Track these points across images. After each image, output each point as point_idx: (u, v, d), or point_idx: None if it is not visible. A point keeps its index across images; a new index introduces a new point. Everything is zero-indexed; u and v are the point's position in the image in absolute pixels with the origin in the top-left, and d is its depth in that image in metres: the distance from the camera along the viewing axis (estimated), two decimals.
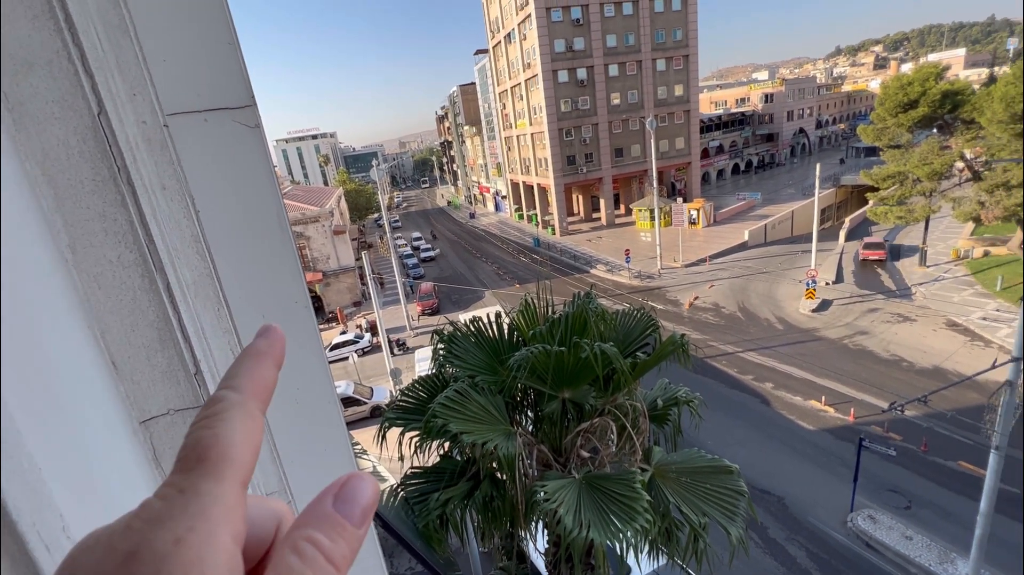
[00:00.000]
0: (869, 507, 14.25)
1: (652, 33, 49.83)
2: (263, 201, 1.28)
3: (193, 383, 0.79)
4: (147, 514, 0.27)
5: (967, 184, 30.89)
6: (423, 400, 5.24)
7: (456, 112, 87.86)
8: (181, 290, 0.83)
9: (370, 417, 22.67)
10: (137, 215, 0.77)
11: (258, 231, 1.27)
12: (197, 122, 1.17)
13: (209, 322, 1.02)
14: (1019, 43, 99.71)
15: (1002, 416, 11.08)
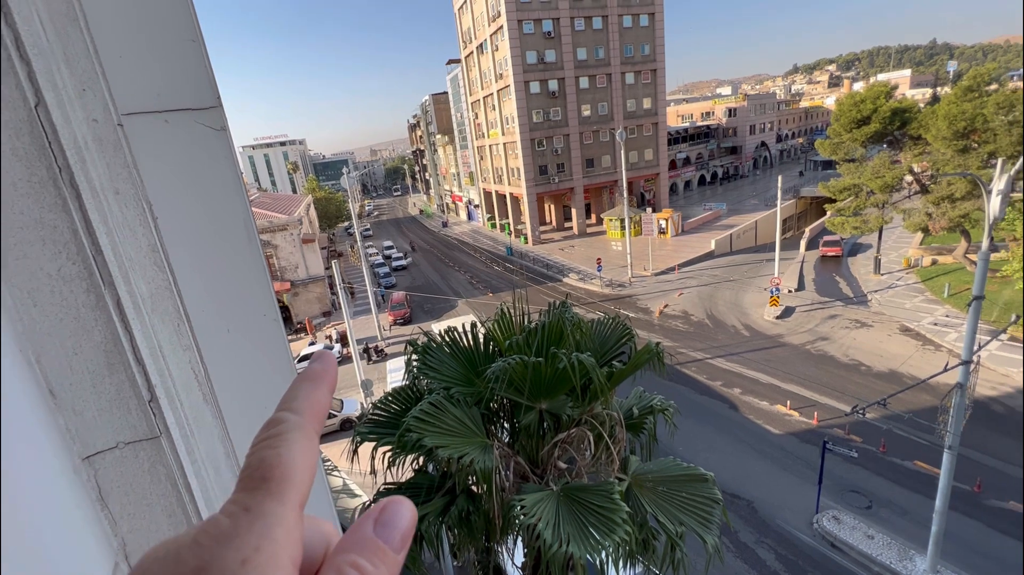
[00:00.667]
0: (833, 508, 14.69)
1: (621, 47, 51.06)
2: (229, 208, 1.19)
3: (147, 412, 0.70)
4: (215, 530, 0.27)
5: (916, 196, 32.68)
6: (397, 413, 5.11)
7: (428, 121, 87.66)
8: (135, 305, 0.74)
9: (339, 430, 22.06)
10: (83, 222, 0.68)
11: (223, 240, 1.18)
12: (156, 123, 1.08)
13: (167, 339, 0.93)
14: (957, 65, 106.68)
15: (953, 417, 11.63)
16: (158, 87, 0.97)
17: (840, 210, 33.67)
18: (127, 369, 0.68)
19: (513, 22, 46.62)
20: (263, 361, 1.30)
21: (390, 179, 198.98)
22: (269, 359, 1.31)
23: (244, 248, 1.23)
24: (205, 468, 0.89)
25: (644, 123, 54.56)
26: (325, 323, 37.41)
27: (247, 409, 1.22)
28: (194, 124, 1.03)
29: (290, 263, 36.97)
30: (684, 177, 73.00)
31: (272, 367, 1.32)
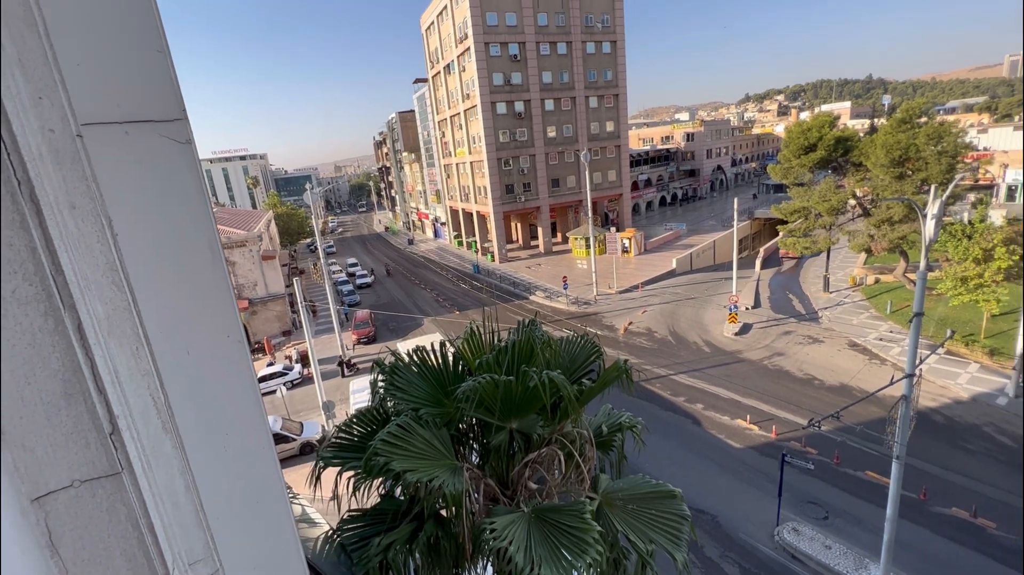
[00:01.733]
0: (793, 520, 15.09)
1: (585, 72, 52.73)
2: (193, 224, 1.13)
3: (108, 445, 0.63)
4: None
5: (859, 219, 34.78)
6: (362, 436, 4.94)
7: (395, 138, 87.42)
8: (94, 329, 0.68)
9: (299, 455, 21.15)
10: (42, 239, 0.62)
11: (187, 258, 1.12)
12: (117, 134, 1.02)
13: (125, 365, 0.86)
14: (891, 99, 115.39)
15: (900, 428, 12.23)
16: (119, 97, 0.92)
17: (791, 231, 35.43)
18: (87, 399, 0.62)
19: (480, 44, 47.47)
20: (226, 385, 1.22)
21: (355, 196, 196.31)
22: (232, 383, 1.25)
23: (208, 266, 1.17)
24: (164, 504, 0.82)
25: (607, 145, 56.20)
26: (285, 343, 36.11)
27: (208, 437, 1.15)
28: (157, 136, 0.99)
29: (248, 280, 35.66)
30: (646, 198, 75.32)
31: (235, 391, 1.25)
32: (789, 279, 39.58)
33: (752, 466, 17.87)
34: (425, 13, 60.26)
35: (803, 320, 30.53)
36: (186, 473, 0.91)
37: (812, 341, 27.30)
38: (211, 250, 1.20)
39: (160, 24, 1.02)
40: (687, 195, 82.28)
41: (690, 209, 74.68)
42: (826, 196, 32.29)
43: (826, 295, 34.40)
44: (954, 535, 14.14)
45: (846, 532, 14.63)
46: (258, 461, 1.32)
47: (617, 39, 53.71)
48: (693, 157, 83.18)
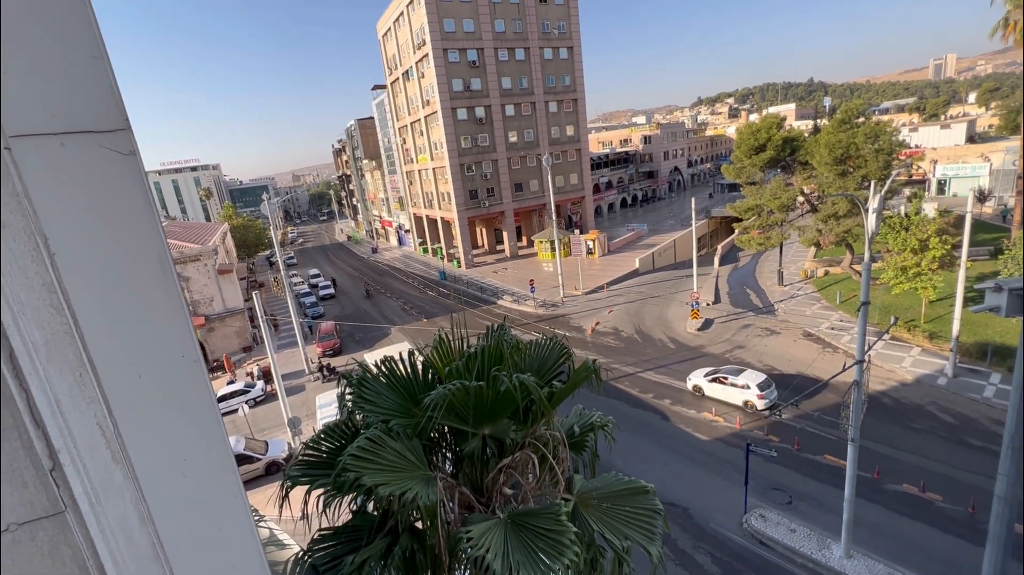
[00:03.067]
0: (760, 506, 15.61)
1: (544, 78, 53.39)
2: (140, 239, 1.07)
3: (48, 483, 0.58)
4: None
5: (808, 215, 36.54)
6: (331, 452, 4.79)
7: (355, 146, 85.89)
8: (30, 357, 0.63)
9: (265, 475, 20.37)
10: None
11: (134, 275, 1.05)
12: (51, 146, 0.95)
13: (67, 393, 0.80)
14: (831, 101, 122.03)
15: (853, 412, 12.89)
16: (54, 107, 0.87)
17: (746, 228, 36.86)
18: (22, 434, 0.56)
19: (438, 51, 47.34)
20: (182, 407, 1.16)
21: (315, 205, 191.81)
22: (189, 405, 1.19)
23: (159, 283, 1.11)
24: (116, 540, 0.76)
25: (568, 149, 57.01)
26: (246, 359, 34.75)
27: (164, 464, 1.09)
28: (98, 148, 0.93)
29: (204, 296, 34.17)
30: (607, 200, 76.77)
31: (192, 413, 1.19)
32: (746, 274, 41.12)
33: (719, 457, 18.40)
34: (382, 19, 59.65)
35: (760, 313, 31.76)
36: (140, 504, 0.86)
37: (770, 333, 28.42)
38: (161, 266, 1.14)
39: (97, 29, 0.97)
40: (647, 196, 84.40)
41: (650, 210, 76.59)
42: (777, 194, 33.79)
43: (781, 288, 35.92)
44: (905, 510, 14.97)
45: (809, 515, 15.25)
46: (220, 485, 1.26)
47: (574, 45, 54.67)
48: (651, 159, 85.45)
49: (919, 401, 20.27)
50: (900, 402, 20.36)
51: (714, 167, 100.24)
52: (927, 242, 24.96)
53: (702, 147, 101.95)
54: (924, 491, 15.46)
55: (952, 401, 19.99)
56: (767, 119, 36.25)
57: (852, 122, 31.50)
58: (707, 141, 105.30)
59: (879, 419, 19.06)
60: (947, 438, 17.90)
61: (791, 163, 35.87)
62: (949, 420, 18.87)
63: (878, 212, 12.81)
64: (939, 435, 18.10)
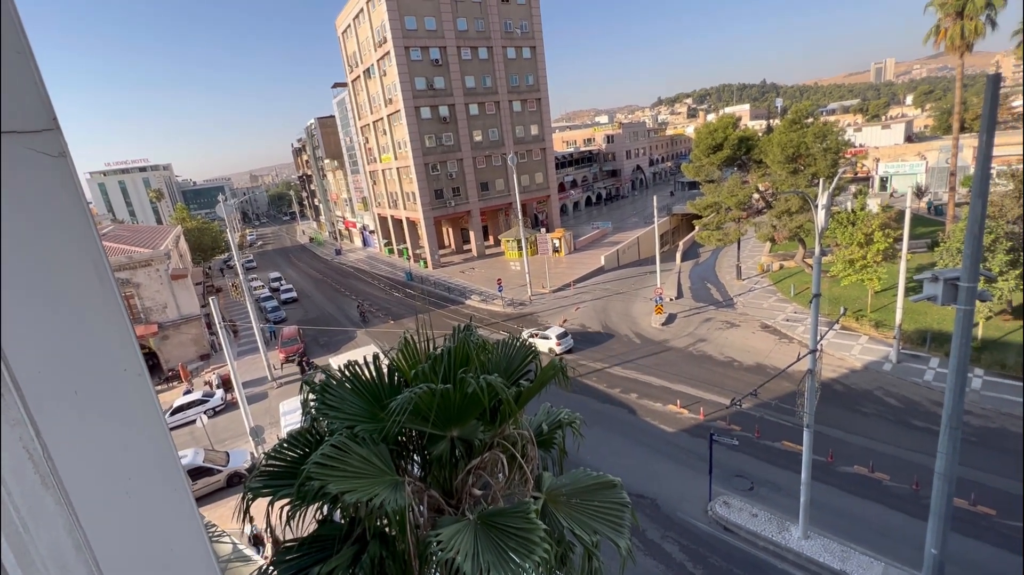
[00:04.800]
0: (723, 494, 16.16)
1: (507, 77, 53.45)
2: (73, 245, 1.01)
3: None
4: None
5: (763, 211, 38.03)
6: (294, 461, 4.66)
7: (315, 145, 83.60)
8: None
9: (226, 487, 19.63)
10: None
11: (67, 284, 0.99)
12: None
13: None
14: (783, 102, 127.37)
15: (808, 399, 13.50)
16: None
17: (706, 225, 38.02)
18: None
19: (400, 48, 46.66)
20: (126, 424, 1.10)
21: (274, 206, 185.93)
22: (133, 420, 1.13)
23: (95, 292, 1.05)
24: (48, 570, 0.71)
25: (533, 148, 57.30)
26: (204, 367, 33.32)
27: (105, 485, 1.03)
28: (22, 149, 0.87)
29: (156, 303, 32.55)
30: (572, 199, 77.60)
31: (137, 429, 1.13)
32: (707, 269, 42.43)
33: (685, 448, 18.93)
34: (341, 15, 58.27)
35: (721, 307, 32.84)
36: (75, 531, 0.81)
37: (730, 326, 29.43)
38: (97, 273, 1.08)
39: (18, 22, 0.91)
40: (611, 195, 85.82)
41: (614, 208, 77.91)
42: (734, 191, 35.00)
43: (739, 282, 37.24)
44: (857, 490, 15.82)
45: (769, 499, 15.89)
46: (169, 504, 1.20)
47: (536, 45, 54.94)
48: (614, 158, 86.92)
49: (867, 386, 21.43)
50: (850, 388, 21.47)
51: (674, 166, 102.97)
52: (872, 236, 26.41)
53: (663, 146, 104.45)
54: (873, 471, 16.37)
55: (896, 385, 21.24)
56: (723, 119, 37.49)
57: (802, 122, 32.97)
58: (667, 140, 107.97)
59: (832, 405, 20.04)
60: (893, 420, 19.01)
61: (747, 161, 37.23)
62: (894, 403, 20.04)
63: (827, 208, 13.45)
64: (885, 418, 19.20)
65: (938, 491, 11.24)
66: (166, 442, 1.21)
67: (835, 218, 28.54)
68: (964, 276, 9.98)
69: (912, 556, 12.62)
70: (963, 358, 10.31)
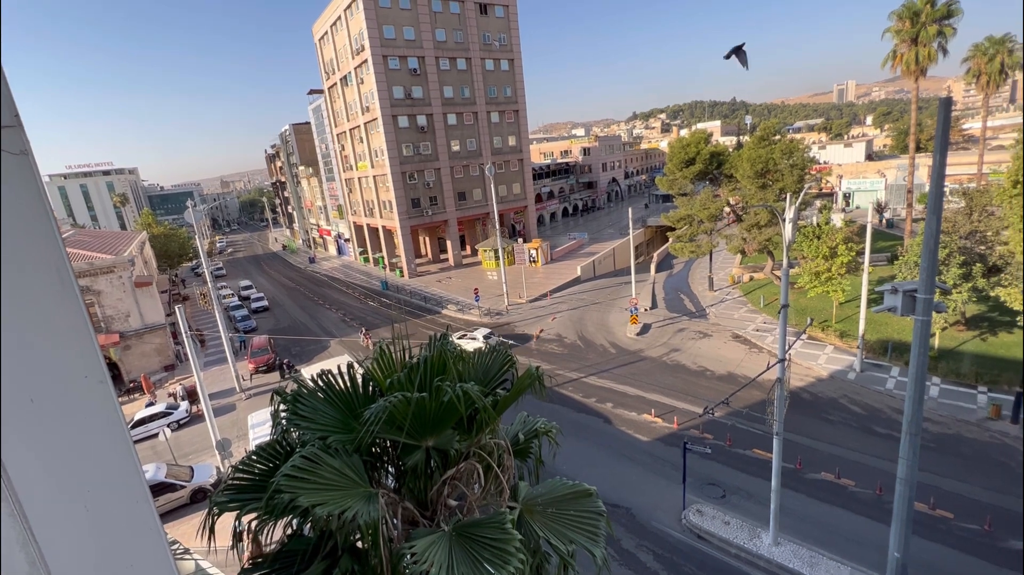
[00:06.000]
0: (697, 502, 16.35)
1: (485, 88, 53.86)
2: (34, 248, 0.97)
3: None
4: None
5: (734, 224, 39.11)
6: (263, 474, 4.52)
7: (290, 151, 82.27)
8: None
9: (190, 503, 18.86)
10: None
11: (26, 288, 0.95)
12: None
13: None
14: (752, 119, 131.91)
15: (777, 407, 13.84)
16: None
17: (679, 237, 38.86)
18: None
19: (378, 57, 46.55)
20: (86, 433, 1.06)
21: (246, 213, 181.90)
22: (93, 430, 1.09)
23: (56, 297, 1.02)
24: None
25: (511, 159, 57.72)
26: (168, 379, 32.09)
27: (62, 499, 0.98)
28: None
29: (119, 311, 31.27)
30: (549, 209, 78.30)
31: (98, 440, 1.10)
32: (680, 280, 43.26)
33: (659, 457, 19.12)
34: (318, 22, 57.87)
35: (694, 317, 33.49)
36: (29, 545, 0.78)
37: (702, 336, 30.02)
38: (60, 278, 1.05)
39: None
40: (587, 206, 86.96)
41: (590, 219, 78.91)
42: (706, 204, 35.92)
43: (711, 293, 38.08)
44: (824, 496, 16.23)
45: (741, 507, 16.15)
46: (131, 519, 1.16)
47: (514, 57, 55.61)
48: (590, 170, 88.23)
49: (833, 395, 22.11)
50: (817, 396, 22.11)
51: (649, 179, 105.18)
52: (836, 249, 27.43)
53: (638, 159, 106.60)
54: (839, 478, 16.84)
55: (860, 393, 21.98)
56: (696, 134, 38.55)
57: (770, 139, 34.16)
58: (642, 154, 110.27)
59: (800, 413, 20.58)
60: (857, 427, 19.63)
61: (718, 176, 38.31)
62: (858, 411, 20.72)
63: (794, 222, 13.93)
64: (850, 425, 19.82)
65: (900, 496, 11.61)
66: (129, 453, 1.17)
67: (801, 232, 29.56)
68: (921, 288, 10.44)
69: (877, 559, 12.98)
70: (921, 367, 10.74)
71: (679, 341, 29.58)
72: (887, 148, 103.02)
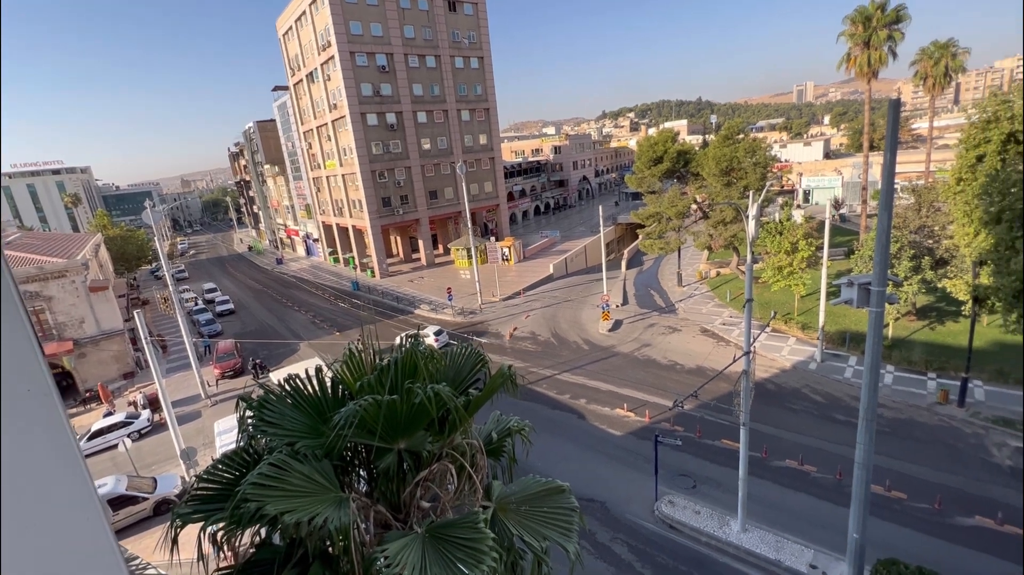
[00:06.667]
0: (669, 493, 16.74)
1: (455, 86, 53.53)
2: None
3: None
4: None
5: (701, 221, 40.08)
6: (229, 483, 4.40)
7: (254, 150, 79.84)
8: None
9: (154, 516, 18.17)
10: None
11: None
12: None
13: None
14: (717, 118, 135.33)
15: (743, 398, 14.28)
16: None
17: (648, 234, 39.59)
18: None
19: (345, 53, 45.67)
20: (29, 450, 1.03)
21: (209, 213, 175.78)
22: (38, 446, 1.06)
23: None
24: None
25: (482, 158, 57.56)
26: (127, 387, 30.75)
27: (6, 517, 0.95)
28: None
29: (72, 317, 29.77)
30: (521, 208, 78.48)
31: (42, 455, 1.07)
32: (650, 276, 44.08)
33: (632, 450, 19.47)
34: (282, 17, 56.33)
35: (664, 312, 34.19)
36: None
37: (672, 330, 30.69)
38: None
39: None
40: (558, 204, 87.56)
41: (562, 217, 79.50)
42: (674, 202, 36.70)
43: (680, 289, 38.95)
44: (789, 483, 16.86)
45: (711, 496, 16.62)
46: (82, 536, 1.13)
47: (484, 55, 55.45)
48: (561, 169, 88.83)
49: (796, 384, 22.96)
50: (781, 387, 22.93)
51: (619, 177, 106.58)
52: (797, 244, 28.46)
53: (607, 158, 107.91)
54: (802, 464, 17.52)
55: (821, 383, 22.91)
56: (663, 133, 39.34)
57: (734, 138, 35.16)
58: (612, 152, 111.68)
59: (765, 403, 21.30)
60: (818, 415, 20.46)
61: (685, 174, 39.20)
62: (819, 400, 21.59)
63: (757, 218, 14.39)
64: (812, 414, 20.64)
65: (858, 479, 12.15)
66: (78, 468, 1.15)
67: (764, 228, 30.54)
68: (875, 281, 10.94)
69: (838, 541, 13.58)
70: (876, 356, 11.26)
71: (650, 336, 30.15)
72: (843, 147, 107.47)
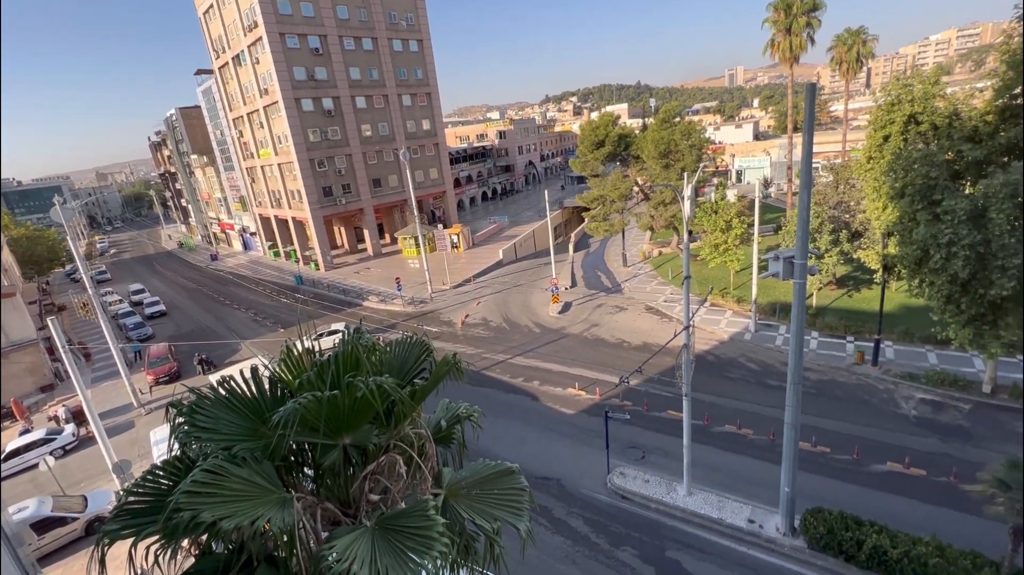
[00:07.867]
0: (620, 465, 17.49)
1: (395, 70, 51.90)
2: None
3: None
4: None
5: (643, 203, 41.37)
6: (162, 494, 4.21)
7: (179, 139, 74.14)
8: None
9: (87, 535, 17.01)
10: None
11: None
12: None
13: None
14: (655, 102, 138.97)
15: (684, 370, 15.07)
16: None
17: (593, 216, 40.46)
18: None
19: (274, 34, 43.09)
20: None
21: (131, 208, 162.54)
22: None
23: None
24: None
25: (426, 143, 56.42)
26: (47, 400, 28.25)
27: None
28: None
29: None
30: (468, 194, 77.88)
31: None
32: (597, 258, 45.18)
33: (584, 427, 20.13)
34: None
35: (611, 293, 35.24)
36: None
37: (619, 310, 31.73)
38: None
39: None
40: (505, 189, 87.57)
41: (509, 202, 79.63)
42: (616, 185, 37.62)
43: (626, 269, 40.21)
44: (729, 446, 18.05)
45: (659, 465, 17.53)
46: None
47: (423, 38, 54.00)
48: (507, 154, 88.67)
49: (733, 355, 24.45)
50: (719, 358, 24.34)
51: (564, 161, 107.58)
52: (731, 222, 30.03)
53: (552, 142, 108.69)
54: (740, 428, 18.78)
55: (755, 351, 24.52)
56: (604, 117, 40.06)
57: (671, 121, 36.35)
58: (556, 136, 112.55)
59: (705, 374, 22.57)
60: (753, 382, 21.93)
61: (626, 157, 40.21)
62: (754, 367, 23.12)
63: (692, 199, 15.05)
64: (748, 381, 22.10)
65: (787, 438, 13.18)
66: None
67: (701, 208, 31.97)
68: (797, 254, 11.75)
69: (773, 496, 14.74)
70: (800, 324, 12.16)
71: (598, 316, 31.03)
72: (771, 129, 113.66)
